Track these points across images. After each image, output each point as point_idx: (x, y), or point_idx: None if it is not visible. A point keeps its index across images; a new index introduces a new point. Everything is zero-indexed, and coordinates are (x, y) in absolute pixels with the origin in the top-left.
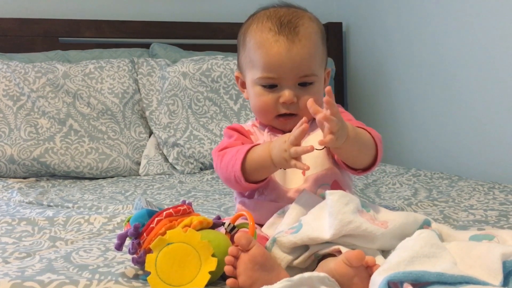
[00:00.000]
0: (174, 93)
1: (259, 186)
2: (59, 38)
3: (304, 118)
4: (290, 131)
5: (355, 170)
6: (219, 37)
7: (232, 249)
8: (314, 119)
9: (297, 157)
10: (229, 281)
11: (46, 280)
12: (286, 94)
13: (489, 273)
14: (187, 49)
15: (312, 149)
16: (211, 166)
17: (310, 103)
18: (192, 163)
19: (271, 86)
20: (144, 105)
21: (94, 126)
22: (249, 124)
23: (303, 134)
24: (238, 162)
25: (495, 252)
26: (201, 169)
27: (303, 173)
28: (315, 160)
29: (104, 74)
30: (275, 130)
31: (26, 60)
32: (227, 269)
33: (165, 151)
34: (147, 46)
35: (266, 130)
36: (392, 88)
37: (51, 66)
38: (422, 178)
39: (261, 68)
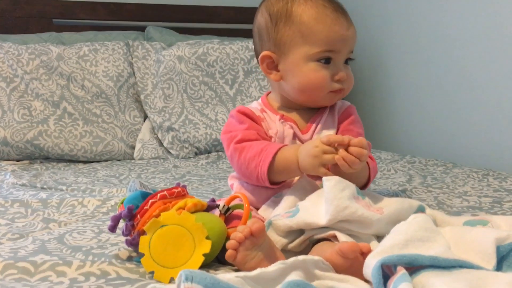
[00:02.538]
0: (169, 77)
1: (280, 187)
2: (53, 20)
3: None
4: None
5: None
6: (215, 21)
7: (246, 230)
8: (330, 112)
9: (326, 165)
10: (229, 252)
11: (39, 261)
12: (342, 71)
13: (483, 257)
14: (182, 33)
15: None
16: (206, 151)
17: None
18: (187, 148)
19: (326, 62)
20: (139, 89)
21: (89, 109)
22: (257, 107)
23: (338, 139)
24: (265, 164)
25: (489, 236)
26: (196, 154)
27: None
28: None
29: (99, 57)
30: (288, 118)
31: (19, 42)
32: (232, 243)
33: (160, 135)
34: (142, 29)
35: (278, 117)
36: (389, 75)
37: (45, 48)
38: (417, 164)
39: (322, 42)
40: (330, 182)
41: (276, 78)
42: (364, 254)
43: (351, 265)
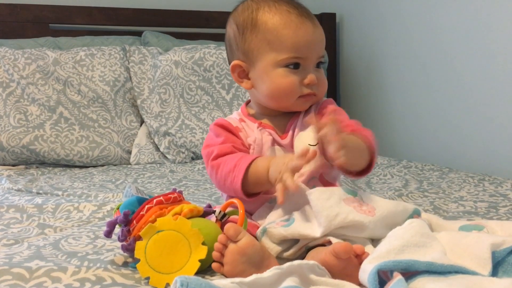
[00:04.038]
0: (166, 82)
1: (258, 196)
2: (50, 25)
3: (311, 150)
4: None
5: (351, 173)
6: (212, 25)
7: (221, 237)
8: (306, 114)
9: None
10: (214, 264)
11: (34, 267)
12: (311, 75)
13: (478, 262)
14: (179, 38)
15: (297, 190)
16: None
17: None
18: (183, 153)
19: (295, 67)
20: (136, 94)
21: (85, 114)
22: (235, 118)
23: (305, 164)
24: (238, 180)
25: (485, 242)
26: (193, 159)
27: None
28: None
29: (95, 62)
30: (266, 125)
31: (15, 46)
32: (215, 255)
33: (156, 140)
34: (139, 34)
35: (256, 125)
36: (385, 79)
37: (41, 53)
38: (413, 169)
39: (288, 48)
40: (314, 195)
41: (248, 86)
42: (358, 256)
43: (345, 266)
